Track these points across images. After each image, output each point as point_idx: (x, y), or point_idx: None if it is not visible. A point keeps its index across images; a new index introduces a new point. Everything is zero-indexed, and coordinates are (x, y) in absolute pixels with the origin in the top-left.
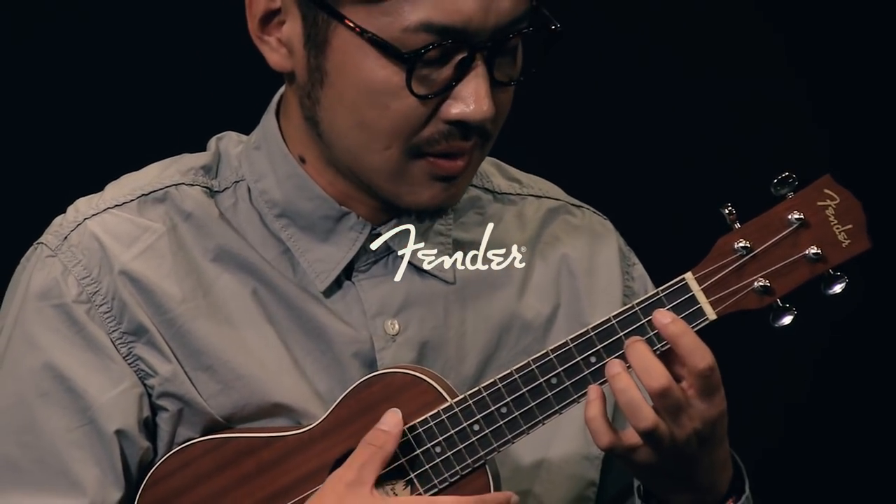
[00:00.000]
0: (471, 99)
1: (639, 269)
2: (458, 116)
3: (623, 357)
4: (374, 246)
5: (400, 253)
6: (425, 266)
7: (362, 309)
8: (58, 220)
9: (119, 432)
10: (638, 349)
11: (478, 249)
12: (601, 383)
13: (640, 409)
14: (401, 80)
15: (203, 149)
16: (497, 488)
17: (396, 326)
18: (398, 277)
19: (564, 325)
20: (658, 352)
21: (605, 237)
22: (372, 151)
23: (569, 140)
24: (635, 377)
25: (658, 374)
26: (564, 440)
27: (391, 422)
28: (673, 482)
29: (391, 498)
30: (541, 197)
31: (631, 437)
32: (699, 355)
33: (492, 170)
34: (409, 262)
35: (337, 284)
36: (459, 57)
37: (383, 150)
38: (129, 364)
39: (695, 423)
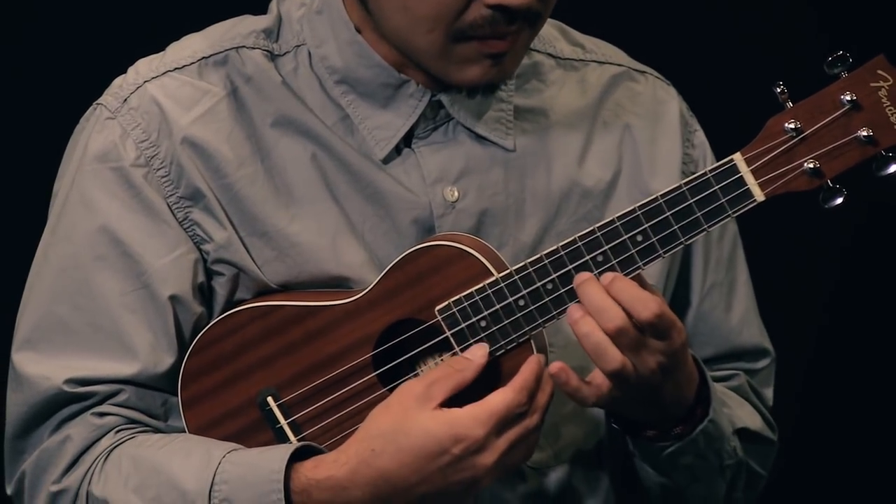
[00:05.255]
0: None
1: (699, 136)
2: (498, 0)
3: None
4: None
5: (460, 120)
6: (485, 133)
7: (421, 175)
8: (118, 80)
9: (173, 297)
10: (589, 290)
11: (538, 116)
12: (667, 251)
13: (606, 352)
14: None
15: (264, 11)
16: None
17: (456, 193)
18: (458, 144)
19: (625, 192)
20: (703, 232)
21: (668, 103)
22: (417, 34)
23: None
24: None
25: (612, 315)
26: None
27: (477, 353)
28: (638, 407)
29: (452, 411)
30: (603, 63)
31: (598, 377)
32: (641, 306)
33: (555, 33)
34: (469, 129)
35: (396, 151)
36: None
37: (427, 32)
38: (185, 229)
39: (657, 356)
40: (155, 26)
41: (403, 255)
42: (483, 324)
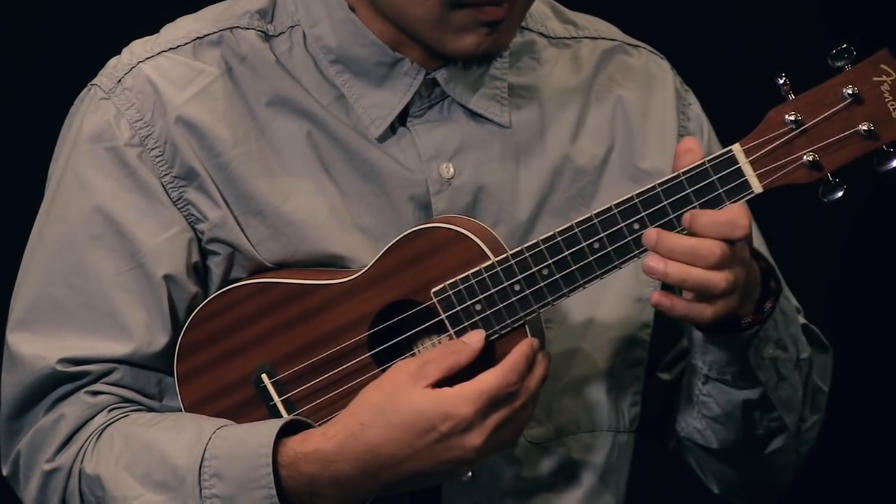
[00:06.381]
0: None
1: (695, 109)
2: None
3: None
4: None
5: (455, 97)
6: (480, 110)
7: (417, 153)
8: (112, 61)
9: (167, 277)
10: (671, 241)
11: (532, 94)
12: (641, 252)
13: (711, 280)
14: None
15: None
16: (540, 348)
17: (451, 170)
18: (453, 121)
19: (618, 166)
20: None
21: (661, 77)
22: (413, 3)
23: None
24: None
25: (706, 252)
26: (615, 285)
27: (474, 338)
28: (744, 298)
29: (441, 389)
30: (596, 38)
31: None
32: (732, 229)
33: (547, 12)
34: (465, 107)
35: (391, 130)
36: None
37: (423, 1)
38: (180, 209)
39: (745, 247)
40: (149, 9)
41: (401, 236)
42: (478, 307)
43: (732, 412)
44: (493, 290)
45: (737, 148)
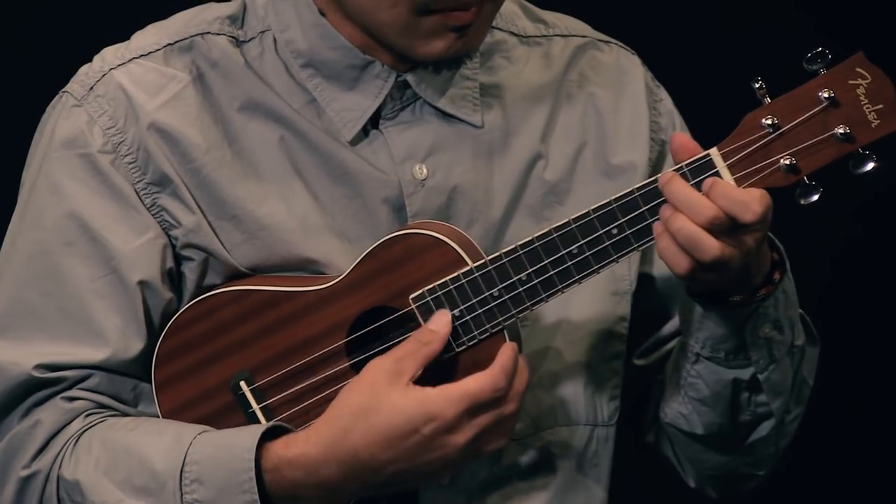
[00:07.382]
0: None
1: (666, 105)
2: None
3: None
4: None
5: (426, 98)
6: (452, 110)
7: (390, 154)
8: (84, 69)
9: (142, 283)
10: (675, 188)
11: (503, 92)
12: (641, 245)
13: (701, 242)
14: None
15: None
16: (518, 352)
17: (425, 171)
18: (425, 122)
19: (590, 163)
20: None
21: (632, 72)
22: (381, 9)
23: None
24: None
25: (703, 208)
26: (590, 279)
27: (440, 322)
28: (729, 283)
29: (424, 390)
30: (567, 36)
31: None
32: (741, 209)
33: (517, 11)
34: (437, 108)
35: (364, 133)
36: None
37: (391, 7)
38: (154, 215)
39: (755, 235)
40: (120, 16)
41: (378, 242)
42: (457, 313)
43: (721, 392)
44: (471, 296)
45: (714, 152)
